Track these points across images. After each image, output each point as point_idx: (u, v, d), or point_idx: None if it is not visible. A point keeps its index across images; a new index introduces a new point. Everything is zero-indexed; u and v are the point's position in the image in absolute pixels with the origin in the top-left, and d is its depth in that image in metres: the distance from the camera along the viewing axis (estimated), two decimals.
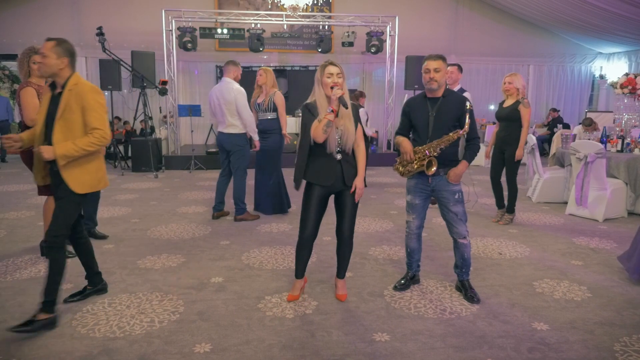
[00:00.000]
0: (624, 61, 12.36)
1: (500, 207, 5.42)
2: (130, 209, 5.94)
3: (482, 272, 3.78)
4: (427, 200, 3.28)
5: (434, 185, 3.18)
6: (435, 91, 3.13)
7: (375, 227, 5.08)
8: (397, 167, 3.27)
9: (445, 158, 3.13)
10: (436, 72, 3.07)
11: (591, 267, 3.92)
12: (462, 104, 3.11)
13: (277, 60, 12.03)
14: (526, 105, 5.00)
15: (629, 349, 2.61)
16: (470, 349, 2.60)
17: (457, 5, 12.29)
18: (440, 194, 3.17)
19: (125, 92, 10.28)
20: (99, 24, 9.26)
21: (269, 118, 5.37)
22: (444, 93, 3.16)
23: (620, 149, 5.88)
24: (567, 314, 3.03)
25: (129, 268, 3.85)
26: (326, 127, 2.86)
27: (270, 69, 5.43)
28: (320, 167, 3.00)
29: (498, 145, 5.24)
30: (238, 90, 5.11)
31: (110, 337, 2.72)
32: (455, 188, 3.17)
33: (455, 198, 3.15)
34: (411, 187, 3.28)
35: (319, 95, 2.98)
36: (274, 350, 2.59)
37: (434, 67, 3.07)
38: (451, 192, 3.15)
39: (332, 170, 3.00)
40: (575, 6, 9.83)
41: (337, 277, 3.31)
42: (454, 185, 3.16)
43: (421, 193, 3.22)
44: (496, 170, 5.30)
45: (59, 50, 2.81)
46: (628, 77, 6.39)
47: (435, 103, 3.14)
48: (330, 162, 3.00)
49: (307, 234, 3.09)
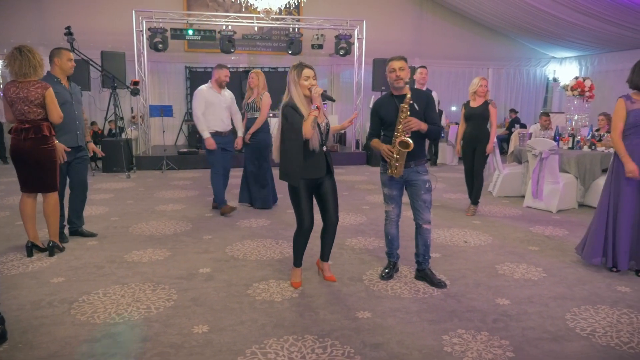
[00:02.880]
0: (574, 65, 13.18)
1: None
2: (108, 208, 6.01)
3: (450, 258, 4.13)
4: (402, 190, 3.57)
5: (407, 176, 3.45)
6: (402, 89, 3.37)
7: (349, 221, 5.37)
8: (390, 170, 3.41)
9: (415, 153, 3.38)
10: (401, 70, 3.33)
11: (546, 251, 4.33)
12: (428, 97, 3.44)
13: (246, 62, 12.20)
14: (494, 105, 5.59)
15: (577, 317, 2.99)
16: (443, 322, 2.92)
17: (421, 11, 12.80)
18: (413, 183, 3.45)
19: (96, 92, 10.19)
20: (65, 23, 9.19)
21: (256, 117, 5.64)
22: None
23: (571, 146, 6.40)
24: (526, 291, 3.41)
25: (117, 262, 3.99)
26: (314, 124, 3.12)
27: (261, 71, 5.74)
28: (310, 162, 3.25)
29: (470, 143, 5.69)
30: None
31: (110, 323, 2.90)
32: (425, 177, 3.45)
33: (426, 187, 3.44)
34: (386, 181, 3.54)
35: (297, 96, 3.21)
36: (267, 329, 2.83)
37: (398, 67, 3.33)
38: (423, 181, 3.43)
39: (321, 163, 3.27)
40: (531, 14, 10.46)
41: (323, 260, 3.58)
42: (424, 174, 3.45)
43: (396, 184, 3.50)
44: (470, 165, 5.78)
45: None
46: (577, 80, 6.93)
47: (402, 100, 3.36)
48: (318, 156, 3.26)
49: (307, 225, 3.34)
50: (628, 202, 3.65)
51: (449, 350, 2.59)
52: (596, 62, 12.36)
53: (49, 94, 3.85)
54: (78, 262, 3.97)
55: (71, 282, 3.53)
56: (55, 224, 4.16)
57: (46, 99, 3.83)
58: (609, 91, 11.10)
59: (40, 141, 3.89)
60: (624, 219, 3.66)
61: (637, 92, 3.61)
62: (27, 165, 3.93)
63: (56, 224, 4.17)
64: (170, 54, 10.92)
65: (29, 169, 3.95)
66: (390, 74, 3.36)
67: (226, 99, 5.61)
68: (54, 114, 3.89)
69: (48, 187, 4.05)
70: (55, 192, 4.11)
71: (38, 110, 3.84)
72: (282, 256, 4.15)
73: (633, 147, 3.61)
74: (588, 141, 6.33)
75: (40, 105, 3.84)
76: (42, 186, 4.03)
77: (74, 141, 4.32)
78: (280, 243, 4.52)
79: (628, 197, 3.64)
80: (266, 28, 11.54)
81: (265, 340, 2.70)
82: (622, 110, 3.63)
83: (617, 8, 8.62)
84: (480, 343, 2.67)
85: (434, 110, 3.47)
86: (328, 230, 3.45)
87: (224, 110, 5.58)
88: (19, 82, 3.81)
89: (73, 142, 4.30)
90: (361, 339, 2.71)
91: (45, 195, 4.08)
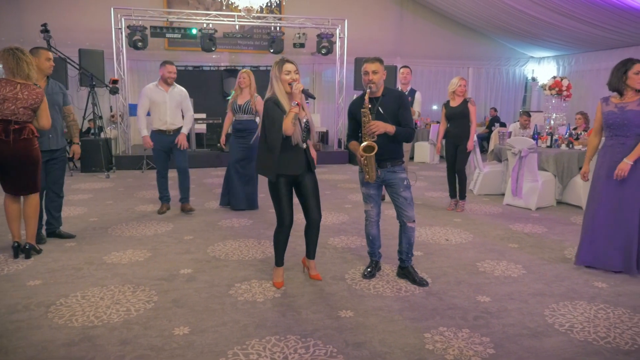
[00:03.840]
0: (552, 65, 13.41)
1: (453, 196, 5.98)
2: (87, 209, 5.91)
3: (432, 256, 4.17)
4: (379, 189, 3.58)
5: (384, 176, 3.45)
6: (376, 92, 3.36)
7: (332, 220, 5.37)
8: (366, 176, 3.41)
9: (390, 154, 3.40)
10: (374, 74, 3.30)
11: (525, 249, 4.40)
12: (400, 97, 3.43)
13: (227, 60, 12.10)
14: (473, 103, 5.69)
15: (556, 313, 3.04)
16: (425, 320, 2.94)
17: (402, 10, 12.87)
18: (390, 182, 3.45)
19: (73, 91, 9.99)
20: (41, 20, 9.00)
21: (246, 119, 5.59)
22: (383, 92, 3.40)
23: (550, 144, 6.51)
24: (506, 288, 3.45)
25: (95, 264, 3.92)
26: (294, 120, 3.11)
27: (251, 71, 5.66)
28: (289, 158, 3.24)
29: (452, 141, 5.79)
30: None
31: (89, 326, 2.84)
32: (402, 175, 3.45)
33: (405, 184, 3.44)
34: (363, 180, 3.54)
35: (279, 91, 3.20)
36: (249, 329, 2.81)
37: (372, 70, 3.30)
38: (400, 179, 3.43)
39: (300, 159, 3.26)
40: (509, 14, 10.61)
41: (309, 258, 3.58)
42: (401, 173, 3.45)
43: (374, 184, 3.50)
44: (452, 162, 5.86)
45: None
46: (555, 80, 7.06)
47: (375, 102, 3.37)
48: (298, 152, 3.25)
49: (287, 222, 3.34)
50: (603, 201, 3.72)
51: (431, 348, 2.61)
52: (573, 62, 12.60)
53: (45, 102, 3.89)
54: (56, 264, 3.89)
55: (48, 284, 3.46)
56: (35, 225, 4.09)
57: (42, 105, 3.86)
58: (586, 90, 11.33)
59: (32, 142, 3.87)
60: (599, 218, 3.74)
61: (616, 94, 3.69)
62: (11, 166, 3.84)
63: (35, 225, 4.10)
64: (150, 52, 10.76)
65: (12, 170, 3.86)
66: (364, 77, 3.34)
67: (174, 97, 5.42)
68: (45, 121, 3.92)
69: (31, 188, 3.97)
70: (37, 193, 4.04)
71: (31, 113, 3.83)
72: (265, 256, 4.13)
73: (607, 149, 3.70)
74: (566, 140, 6.44)
75: (34, 110, 3.84)
76: (25, 187, 3.95)
77: (46, 145, 4.24)
78: (263, 243, 4.50)
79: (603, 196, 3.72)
80: (247, 26, 11.46)
81: (247, 341, 2.68)
82: (598, 112, 3.77)
83: (593, 8, 8.79)
84: (461, 340, 2.69)
85: (408, 110, 3.43)
86: (311, 228, 3.45)
87: (171, 109, 5.39)
88: (17, 82, 3.76)
89: (45, 145, 4.22)
90: (344, 338, 2.71)
91: (27, 197, 3.99)
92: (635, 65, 3.53)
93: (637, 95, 3.57)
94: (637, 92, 3.57)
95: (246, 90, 5.59)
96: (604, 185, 3.70)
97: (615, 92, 3.67)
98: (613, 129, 3.64)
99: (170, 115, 5.40)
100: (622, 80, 3.57)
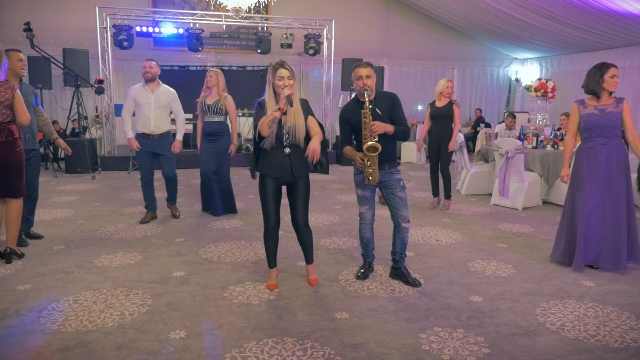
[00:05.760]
0: (536, 66, 13.62)
1: (435, 195, 6.11)
2: (73, 211, 5.83)
3: (423, 256, 4.21)
4: (374, 191, 3.61)
5: (381, 177, 3.48)
6: (369, 96, 3.37)
7: (322, 221, 5.39)
8: (367, 179, 3.41)
9: (387, 156, 3.43)
10: (368, 78, 3.34)
11: (514, 248, 4.47)
12: (392, 98, 3.48)
13: (214, 60, 12.02)
14: (458, 105, 5.79)
15: (547, 312, 3.11)
16: (419, 320, 2.98)
17: (388, 11, 12.94)
18: (387, 183, 3.49)
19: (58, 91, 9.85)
20: (24, 18, 8.85)
21: (217, 120, 5.35)
22: (375, 95, 3.46)
23: (535, 145, 6.62)
24: (497, 288, 3.51)
25: (86, 267, 3.87)
26: (271, 123, 3.11)
27: (220, 71, 5.42)
28: (270, 160, 3.26)
29: (435, 141, 5.90)
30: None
31: (83, 331, 2.81)
32: (398, 176, 3.50)
33: (400, 185, 3.49)
34: (360, 182, 3.57)
35: (267, 95, 3.24)
36: (246, 332, 2.81)
37: (365, 74, 3.33)
38: (396, 180, 3.48)
39: (281, 163, 3.26)
40: (494, 15, 10.75)
41: (306, 263, 3.57)
42: (397, 174, 3.50)
43: (370, 185, 3.53)
44: (435, 161, 5.99)
45: None
46: (540, 81, 7.18)
47: (371, 104, 3.36)
48: (279, 156, 3.26)
49: (272, 222, 3.35)
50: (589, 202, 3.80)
51: (427, 349, 2.65)
52: (556, 63, 12.81)
53: (18, 96, 3.74)
54: (45, 268, 3.84)
55: (39, 289, 3.41)
56: (16, 229, 4.00)
57: (15, 101, 3.72)
58: (568, 91, 11.53)
59: (13, 145, 3.76)
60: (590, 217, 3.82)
61: (592, 97, 3.79)
62: None
63: (17, 229, 4.01)
64: (136, 52, 10.63)
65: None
66: (357, 82, 3.36)
67: (159, 98, 5.13)
68: (22, 116, 3.77)
69: (16, 192, 3.89)
70: (21, 197, 3.96)
71: (7, 112, 3.71)
72: (257, 258, 4.13)
73: (587, 150, 3.79)
74: (551, 140, 6.56)
75: (9, 107, 3.71)
76: (11, 191, 3.87)
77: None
78: (255, 244, 4.50)
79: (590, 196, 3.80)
80: (234, 26, 11.41)
81: (244, 344, 2.68)
82: (575, 115, 3.86)
83: (575, 11, 8.96)
84: (456, 340, 2.73)
85: (401, 111, 3.50)
86: (299, 235, 3.46)
87: (156, 111, 5.10)
88: None
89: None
90: (340, 340, 2.73)
91: (10, 200, 3.91)
92: (610, 69, 3.67)
93: (611, 98, 3.73)
94: (610, 95, 3.73)
95: (214, 90, 5.32)
96: (589, 185, 3.77)
97: (591, 95, 3.78)
98: (594, 131, 3.73)
99: (154, 118, 5.09)
100: (598, 83, 3.70)
